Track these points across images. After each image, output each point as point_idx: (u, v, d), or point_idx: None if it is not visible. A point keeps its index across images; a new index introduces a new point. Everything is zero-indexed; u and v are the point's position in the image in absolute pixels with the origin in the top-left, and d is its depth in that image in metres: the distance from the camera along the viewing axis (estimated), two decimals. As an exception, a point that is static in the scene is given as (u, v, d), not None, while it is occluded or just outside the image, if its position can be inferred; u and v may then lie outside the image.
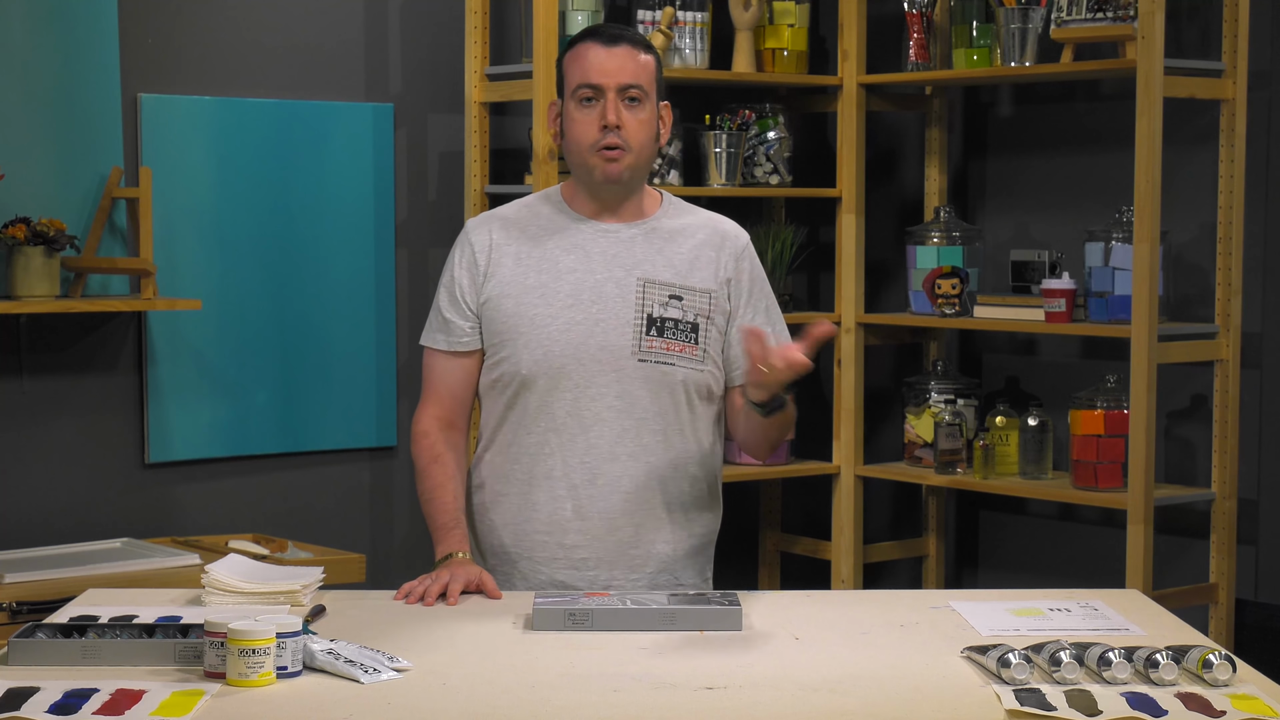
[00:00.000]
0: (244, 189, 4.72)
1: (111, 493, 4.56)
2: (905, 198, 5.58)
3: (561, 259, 3.15)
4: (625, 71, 3.08)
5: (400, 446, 5.00)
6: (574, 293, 3.13)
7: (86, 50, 4.45)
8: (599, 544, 3.14)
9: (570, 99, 3.11)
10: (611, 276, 3.14)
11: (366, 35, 4.91)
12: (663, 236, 3.18)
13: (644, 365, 3.12)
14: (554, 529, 3.15)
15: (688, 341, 3.14)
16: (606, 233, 3.17)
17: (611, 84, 3.08)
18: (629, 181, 3.13)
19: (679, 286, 3.15)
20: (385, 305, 4.96)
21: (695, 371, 3.15)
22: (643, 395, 3.13)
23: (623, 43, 3.10)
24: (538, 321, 3.12)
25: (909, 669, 2.60)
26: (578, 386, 3.12)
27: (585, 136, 3.09)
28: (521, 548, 3.17)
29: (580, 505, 3.14)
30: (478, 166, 4.92)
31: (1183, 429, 4.90)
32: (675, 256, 3.17)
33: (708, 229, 3.22)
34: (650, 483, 3.15)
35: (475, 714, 2.38)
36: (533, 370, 3.12)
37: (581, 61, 3.10)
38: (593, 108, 3.09)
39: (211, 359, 4.69)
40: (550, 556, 3.15)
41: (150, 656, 2.58)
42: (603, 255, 3.15)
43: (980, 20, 4.98)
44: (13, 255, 4.24)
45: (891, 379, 5.54)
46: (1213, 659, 2.51)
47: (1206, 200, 4.76)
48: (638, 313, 3.12)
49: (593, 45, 3.11)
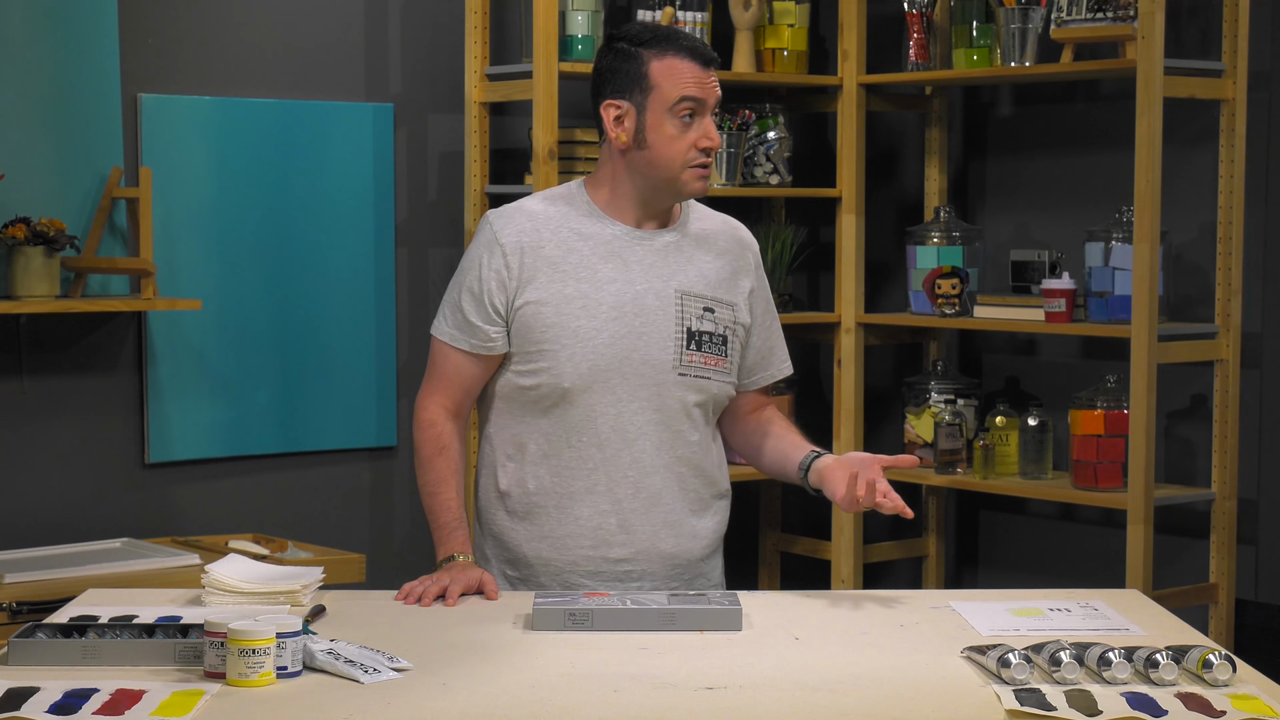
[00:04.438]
0: (244, 189, 4.72)
1: (111, 493, 4.56)
2: (905, 198, 5.58)
3: (600, 268, 3.12)
4: (717, 89, 3.11)
5: (400, 446, 5.00)
6: (616, 304, 3.11)
7: (86, 50, 4.45)
8: (643, 556, 3.15)
9: (668, 111, 3.07)
10: (651, 288, 3.13)
11: (366, 35, 4.91)
12: (692, 244, 3.19)
13: (684, 379, 3.14)
14: (599, 543, 3.14)
15: (720, 355, 3.17)
16: (641, 240, 3.15)
17: (711, 104, 3.10)
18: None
19: (711, 299, 3.17)
20: (385, 305, 4.96)
21: (725, 384, 3.19)
22: (678, 409, 3.14)
23: (713, 66, 3.11)
24: (581, 334, 3.09)
25: (909, 669, 2.61)
26: (620, 400, 3.11)
27: (682, 153, 3.08)
28: (562, 560, 3.15)
29: (625, 519, 3.14)
30: (478, 166, 4.92)
31: (1183, 429, 4.90)
32: (706, 267, 3.18)
33: (728, 237, 3.24)
34: (687, 492, 3.18)
35: (475, 714, 2.38)
36: (576, 383, 3.10)
37: (680, 75, 3.07)
38: (691, 125, 3.08)
39: (211, 359, 4.69)
40: (594, 570, 3.14)
41: (150, 656, 2.58)
42: (640, 264, 3.14)
43: (980, 20, 4.98)
44: (13, 255, 4.24)
45: (891, 379, 5.54)
46: (1213, 659, 2.51)
47: (1206, 200, 4.76)
48: (678, 326, 3.13)
49: (691, 63, 3.08)
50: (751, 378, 3.27)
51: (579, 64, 4.79)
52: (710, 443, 3.22)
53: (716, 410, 3.22)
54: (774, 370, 3.31)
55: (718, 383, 3.17)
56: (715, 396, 3.18)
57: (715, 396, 3.18)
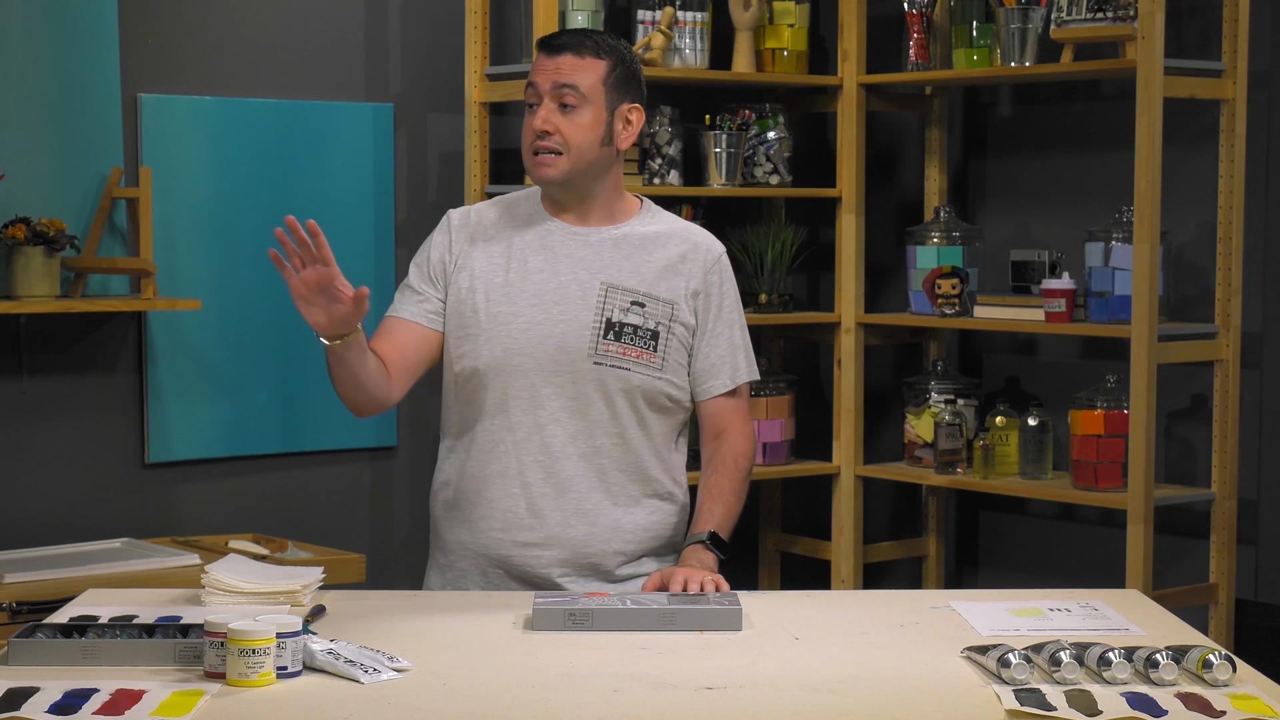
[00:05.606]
0: (244, 189, 4.72)
1: (111, 493, 4.56)
2: (905, 198, 5.58)
3: (530, 259, 3.19)
4: (560, 74, 3.11)
5: (400, 446, 5.00)
6: (537, 293, 3.16)
7: (86, 50, 4.45)
8: (554, 542, 3.16)
9: (525, 103, 3.18)
10: (576, 279, 3.17)
11: (366, 35, 4.91)
12: (633, 243, 3.21)
13: (599, 368, 3.15)
14: (509, 526, 3.17)
15: (646, 348, 3.16)
16: (577, 235, 3.21)
17: (546, 88, 3.12)
18: (566, 184, 3.16)
19: (642, 294, 3.18)
20: (385, 305, 4.93)
21: (652, 379, 3.17)
22: (596, 398, 3.15)
23: (565, 52, 3.12)
24: (499, 319, 3.15)
25: (909, 669, 2.61)
26: (534, 385, 3.15)
27: (526, 140, 3.16)
28: (478, 544, 3.20)
29: (534, 503, 3.16)
30: (478, 166, 4.92)
31: (1183, 429, 4.90)
32: (643, 264, 3.20)
33: (680, 238, 3.25)
34: (608, 484, 3.18)
35: (475, 714, 2.38)
36: (489, 366, 3.15)
37: (533, 67, 3.16)
38: (533, 113, 3.14)
39: (211, 359, 4.69)
40: (505, 555, 3.18)
41: (150, 656, 2.58)
42: (570, 258, 3.19)
43: (980, 20, 4.98)
44: (13, 255, 4.24)
45: (891, 379, 5.54)
46: (1213, 659, 2.51)
47: (1206, 200, 4.76)
48: (597, 316, 3.15)
49: (541, 54, 3.16)
50: (699, 387, 3.25)
51: (579, 64, 4.80)
52: (649, 438, 3.19)
53: (654, 404, 3.18)
54: (722, 381, 3.23)
55: (640, 375, 3.15)
56: (642, 389, 3.16)
57: (642, 389, 3.16)
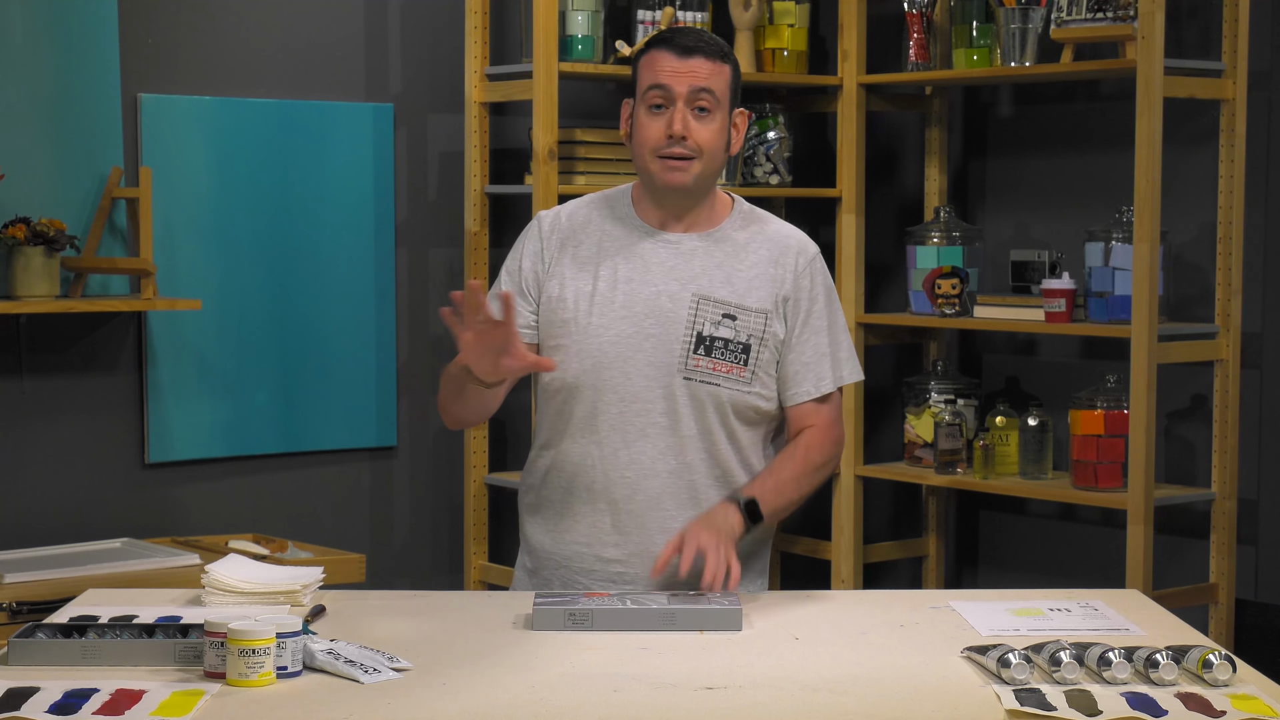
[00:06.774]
0: (244, 189, 4.72)
1: (111, 493, 4.56)
2: (905, 198, 5.58)
3: (620, 267, 3.12)
4: (697, 79, 3.04)
5: (400, 446, 5.00)
6: (627, 304, 3.09)
7: (86, 50, 4.45)
8: (636, 560, 3.11)
9: (641, 101, 3.08)
10: (666, 290, 3.10)
11: (366, 35, 4.91)
12: (726, 250, 3.14)
13: (689, 384, 3.09)
14: (592, 541, 3.14)
15: (736, 363, 3.10)
16: (668, 243, 3.13)
17: (682, 92, 3.04)
18: (694, 190, 3.10)
19: (734, 305, 3.11)
20: (385, 305, 4.96)
21: (740, 393, 3.11)
22: (686, 413, 3.10)
23: (697, 55, 3.05)
24: (590, 330, 3.09)
25: (909, 669, 2.61)
26: (623, 400, 3.09)
27: (648, 141, 3.06)
28: (561, 555, 3.16)
29: (619, 520, 3.12)
30: (478, 166, 4.92)
31: (1183, 429, 4.90)
32: (735, 273, 3.12)
33: (772, 243, 3.17)
34: (693, 500, 3.12)
35: (475, 714, 2.38)
36: (579, 379, 3.10)
37: (654, 65, 3.06)
38: (661, 114, 3.05)
39: (211, 359, 4.69)
40: (588, 568, 3.14)
41: (150, 656, 2.58)
42: (661, 267, 3.12)
43: (980, 20, 4.98)
44: (13, 255, 4.24)
45: (891, 379, 5.54)
46: (1213, 659, 2.51)
47: (1206, 200, 4.76)
48: (688, 330, 3.09)
49: (667, 53, 3.06)
50: (784, 393, 3.16)
51: (579, 64, 4.80)
52: (738, 450, 3.14)
53: (743, 417, 3.13)
54: (805, 389, 3.15)
55: (729, 390, 3.09)
56: (732, 403, 3.10)
57: (732, 403, 3.10)
